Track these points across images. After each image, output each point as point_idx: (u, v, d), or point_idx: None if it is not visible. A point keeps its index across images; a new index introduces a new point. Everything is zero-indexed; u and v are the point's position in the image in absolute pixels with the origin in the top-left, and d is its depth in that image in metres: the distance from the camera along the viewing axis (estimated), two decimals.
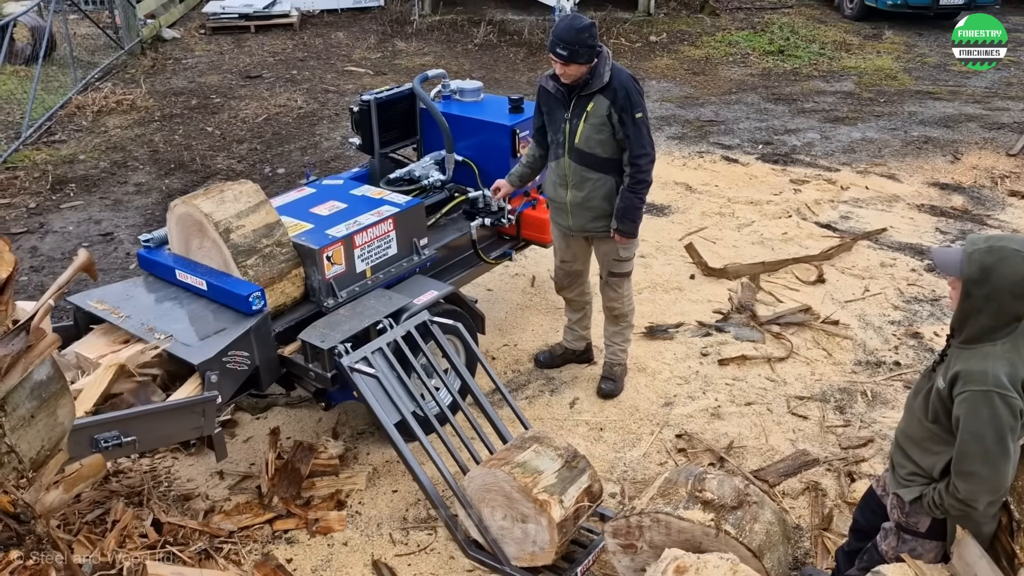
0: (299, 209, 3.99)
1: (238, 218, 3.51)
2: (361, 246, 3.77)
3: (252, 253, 3.50)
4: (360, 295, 3.78)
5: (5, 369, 2.06)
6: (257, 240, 3.52)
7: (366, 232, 3.78)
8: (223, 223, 3.47)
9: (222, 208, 3.50)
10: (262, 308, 3.42)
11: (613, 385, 4.43)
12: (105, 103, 9.31)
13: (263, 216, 3.58)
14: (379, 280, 3.89)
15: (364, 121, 4.68)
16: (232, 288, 3.42)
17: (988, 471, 2.25)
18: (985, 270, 2.21)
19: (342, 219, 3.84)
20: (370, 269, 3.85)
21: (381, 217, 3.87)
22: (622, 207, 3.91)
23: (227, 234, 3.47)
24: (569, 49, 3.64)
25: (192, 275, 3.58)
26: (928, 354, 4.77)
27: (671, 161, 7.70)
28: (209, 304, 3.56)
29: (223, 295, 3.47)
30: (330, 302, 3.69)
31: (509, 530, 3.05)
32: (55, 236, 6.33)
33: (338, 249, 3.67)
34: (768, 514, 2.82)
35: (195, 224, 3.56)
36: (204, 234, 3.54)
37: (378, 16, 13.68)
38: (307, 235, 3.71)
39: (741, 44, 11.99)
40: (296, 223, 3.82)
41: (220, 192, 3.57)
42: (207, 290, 3.54)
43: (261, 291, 3.42)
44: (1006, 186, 7.14)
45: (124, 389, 3.16)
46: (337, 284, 3.71)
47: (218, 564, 3.30)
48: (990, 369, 2.21)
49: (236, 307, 3.43)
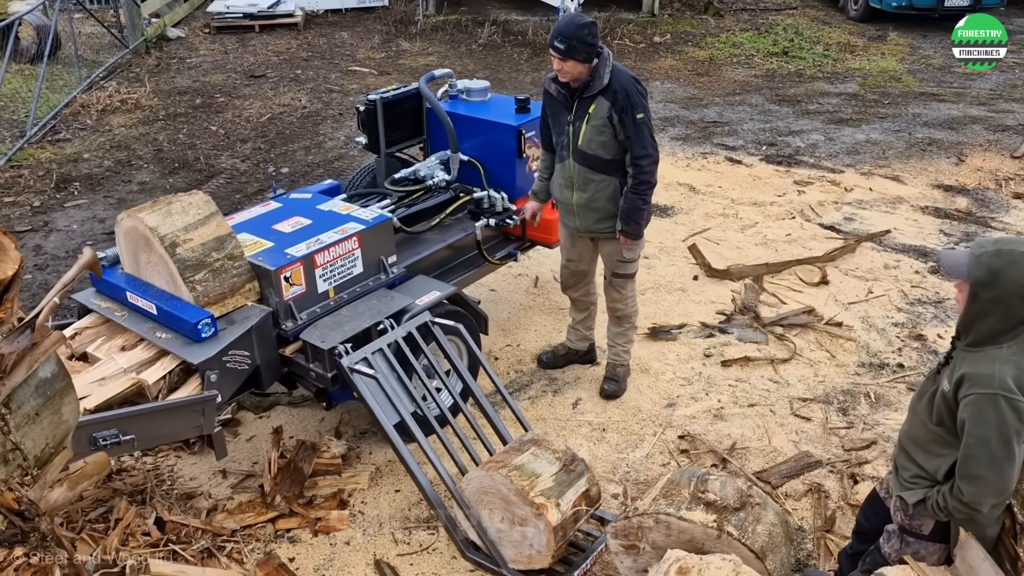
0: (261, 226, 3.81)
1: (185, 231, 3.34)
2: (323, 265, 3.60)
3: (200, 268, 3.34)
4: (322, 316, 3.62)
5: (10, 366, 2.07)
6: (206, 254, 3.36)
7: (328, 251, 3.61)
8: (169, 237, 3.30)
9: (168, 221, 3.33)
10: (213, 335, 3.29)
11: (616, 386, 4.43)
12: (109, 102, 9.33)
13: (213, 229, 3.40)
14: (342, 300, 3.72)
15: (370, 120, 4.68)
16: (181, 314, 3.28)
17: (993, 474, 2.24)
18: (993, 273, 2.20)
19: (304, 237, 3.67)
20: (333, 289, 3.68)
21: (346, 235, 3.69)
22: (626, 208, 3.90)
23: (173, 248, 3.30)
24: (567, 43, 3.64)
25: (143, 298, 3.43)
26: (931, 356, 4.76)
27: (675, 162, 7.70)
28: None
29: (172, 321, 3.32)
30: (289, 324, 3.52)
31: (507, 533, 3.05)
32: (59, 235, 6.34)
33: (297, 269, 3.50)
34: (771, 515, 2.81)
35: (141, 238, 3.41)
36: (151, 249, 3.38)
37: (382, 16, 13.69)
38: (265, 254, 3.55)
39: (745, 45, 11.98)
40: (256, 240, 3.66)
41: (167, 204, 3.41)
42: (157, 315, 3.39)
43: (211, 317, 3.28)
44: (1010, 188, 7.12)
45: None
46: (296, 306, 3.54)
47: (221, 563, 3.30)
48: (996, 372, 2.21)
49: (185, 334, 3.29)
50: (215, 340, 3.31)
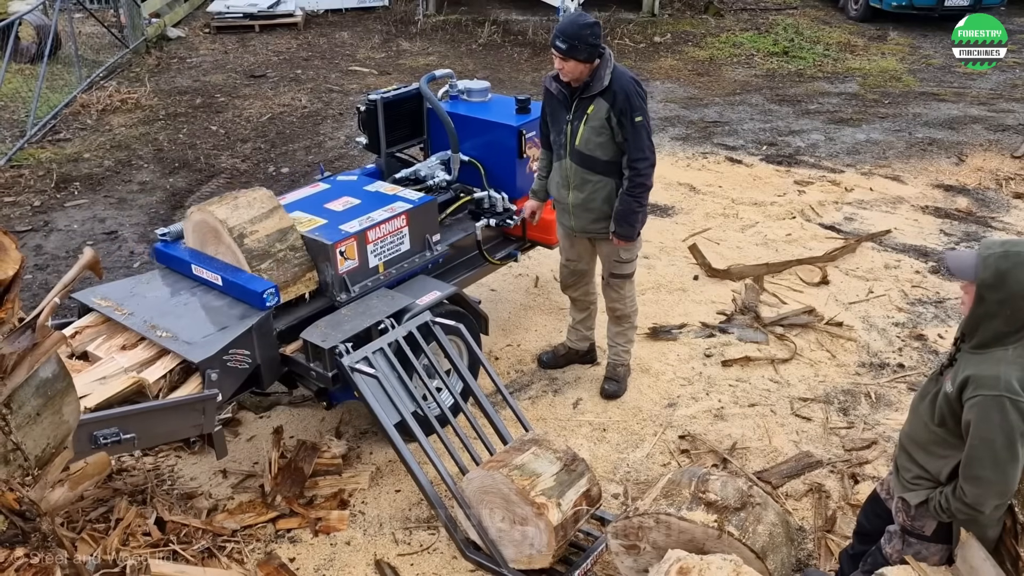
0: (313, 204, 4.03)
1: (252, 223, 3.58)
2: (374, 241, 3.81)
3: (266, 257, 3.57)
4: (372, 290, 3.82)
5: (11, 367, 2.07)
6: (271, 245, 3.60)
7: (379, 228, 3.82)
8: (237, 228, 3.55)
9: (236, 214, 3.58)
10: (276, 303, 3.49)
11: (616, 386, 4.43)
12: (110, 102, 9.33)
13: (276, 221, 3.65)
14: (391, 275, 3.93)
15: (371, 120, 4.68)
16: (246, 284, 3.49)
17: (997, 476, 2.24)
18: (1000, 275, 2.20)
19: (355, 215, 3.88)
20: (383, 264, 3.89)
21: (394, 213, 3.91)
22: (620, 210, 3.90)
23: (241, 239, 3.54)
24: (568, 43, 3.64)
25: (208, 270, 3.64)
26: (932, 356, 4.76)
27: (675, 162, 7.70)
28: (212, 302, 3.58)
29: (238, 291, 3.53)
30: (343, 296, 3.72)
31: (507, 532, 3.05)
32: (59, 234, 6.34)
33: (351, 244, 3.71)
34: (771, 515, 2.81)
35: (211, 230, 3.64)
36: (219, 240, 3.62)
37: (382, 16, 13.69)
38: (320, 230, 3.75)
39: (745, 45, 11.98)
40: (310, 218, 3.87)
41: (234, 199, 3.66)
42: (222, 285, 3.59)
43: (275, 287, 3.49)
44: (1011, 188, 7.12)
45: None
46: (350, 279, 3.74)
47: (221, 563, 3.30)
48: (1002, 374, 2.21)
49: (251, 303, 3.49)
50: (215, 339, 3.32)
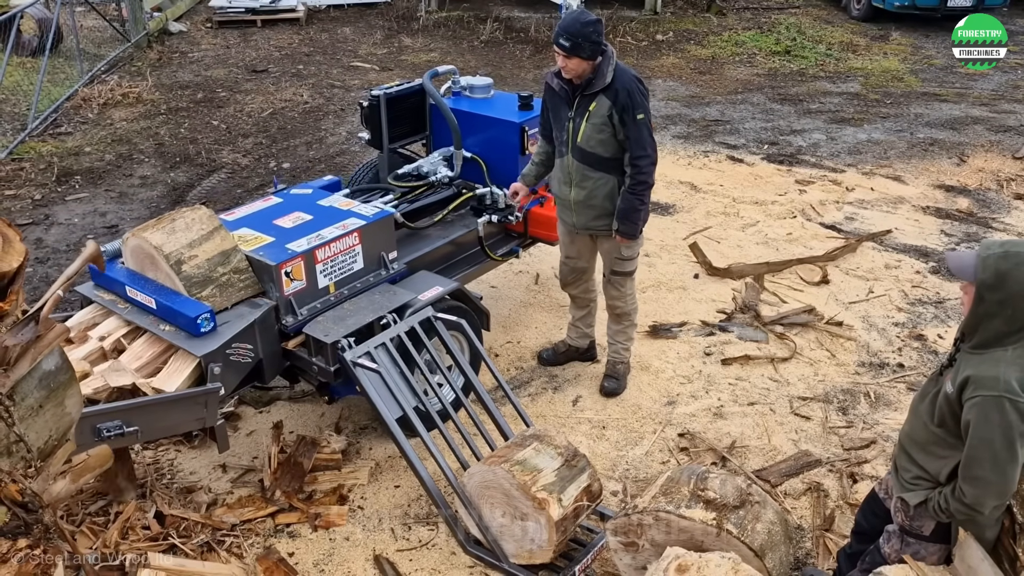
0: (261, 221, 3.81)
1: (190, 248, 3.36)
2: (323, 261, 3.59)
3: (208, 283, 3.36)
4: (322, 311, 3.62)
5: (14, 359, 2.07)
6: (212, 269, 3.38)
7: (329, 246, 3.61)
8: (174, 255, 3.33)
9: (172, 239, 3.36)
10: (212, 330, 3.29)
11: (616, 383, 4.43)
12: (111, 96, 9.32)
13: (217, 243, 3.42)
14: (343, 296, 3.71)
15: (373, 116, 4.68)
16: (181, 309, 3.28)
17: (996, 476, 2.25)
18: (1000, 275, 2.20)
19: (304, 232, 3.66)
20: (333, 284, 3.68)
21: (346, 230, 3.68)
22: (623, 208, 3.91)
23: (179, 265, 3.33)
24: (572, 41, 3.64)
25: (142, 292, 3.42)
26: (932, 356, 4.77)
27: (676, 160, 7.70)
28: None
29: (172, 315, 3.32)
30: (289, 320, 3.52)
31: (508, 527, 3.06)
32: (60, 228, 6.34)
33: (298, 264, 3.50)
34: (770, 514, 2.82)
35: (147, 256, 3.43)
36: (157, 266, 3.41)
37: (384, 12, 13.67)
38: (265, 249, 3.54)
39: (748, 44, 11.97)
40: (256, 236, 3.66)
41: (171, 222, 3.43)
42: (156, 309, 3.39)
43: (210, 312, 3.29)
44: (1012, 189, 7.12)
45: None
46: (297, 301, 3.54)
47: (220, 557, 3.31)
48: (1001, 375, 2.21)
49: (185, 329, 3.30)
50: (218, 333, 3.32)
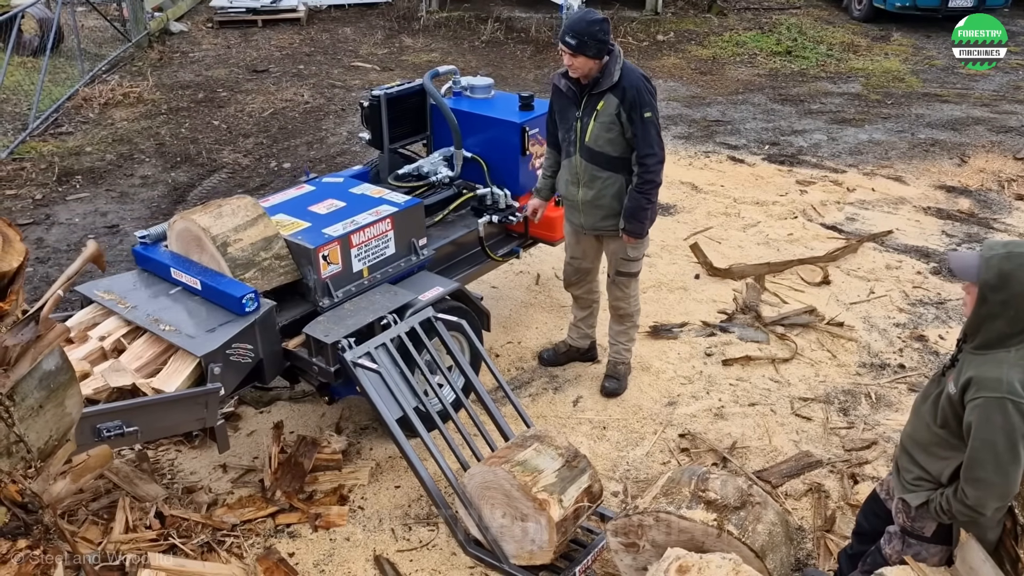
0: (297, 207, 3.95)
1: (235, 232, 3.50)
2: (358, 245, 3.72)
3: (250, 266, 3.50)
4: (356, 295, 3.75)
5: (14, 359, 2.07)
6: (255, 253, 3.52)
7: (363, 231, 3.74)
8: (220, 237, 3.47)
9: (219, 222, 3.50)
10: (256, 309, 3.41)
11: (617, 384, 4.43)
12: (112, 95, 9.32)
13: (261, 229, 3.57)
14: (376, 280, 3.85)
15: (374, 116, 4.67)
16: (226, 289, 3.40)
17: (998, 478, 2.24)
18: (1003, 276, 2.20)
19: (339, 218, 3.79)
20: (367, 269, 3.81)
21: (379, 216, 3.82)
22: (630, 207, 3.90)
23: (224, 248, 3.46)
24: (578, 39, 3.64)
25: (187, 274, 3.56)
26: (933, 357, 4.76)
27: (677, 160, 7.69)
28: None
29: (217, 295, 3.44)
30: (325, 302, 3.65)
31: (508, 528, 3.05)
32: (61, 228, 6.34)
33: (334, 248, 3.63)
34: (771, 515, 2.82)
35: (193, 238, 3.56)
36: (203, 248, 3.54)
37: (385, 12, 13.67)
38: (303, 234, 3.67)
39: (748, 44, 11.97)
40: (293, 221, 3.79)
41: (218, 207, 3.58)
42: (201, 289, 3.51)
43: (255, 292, 3.40)
44: (1013, 190, 7.12)
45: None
46: (333, 284, 3.66)
47: (220, 557, 3.31)
48: (1004, 376, 2.21)
49: (230, 308, 3.41)
50: (217, 333, 3.32)
